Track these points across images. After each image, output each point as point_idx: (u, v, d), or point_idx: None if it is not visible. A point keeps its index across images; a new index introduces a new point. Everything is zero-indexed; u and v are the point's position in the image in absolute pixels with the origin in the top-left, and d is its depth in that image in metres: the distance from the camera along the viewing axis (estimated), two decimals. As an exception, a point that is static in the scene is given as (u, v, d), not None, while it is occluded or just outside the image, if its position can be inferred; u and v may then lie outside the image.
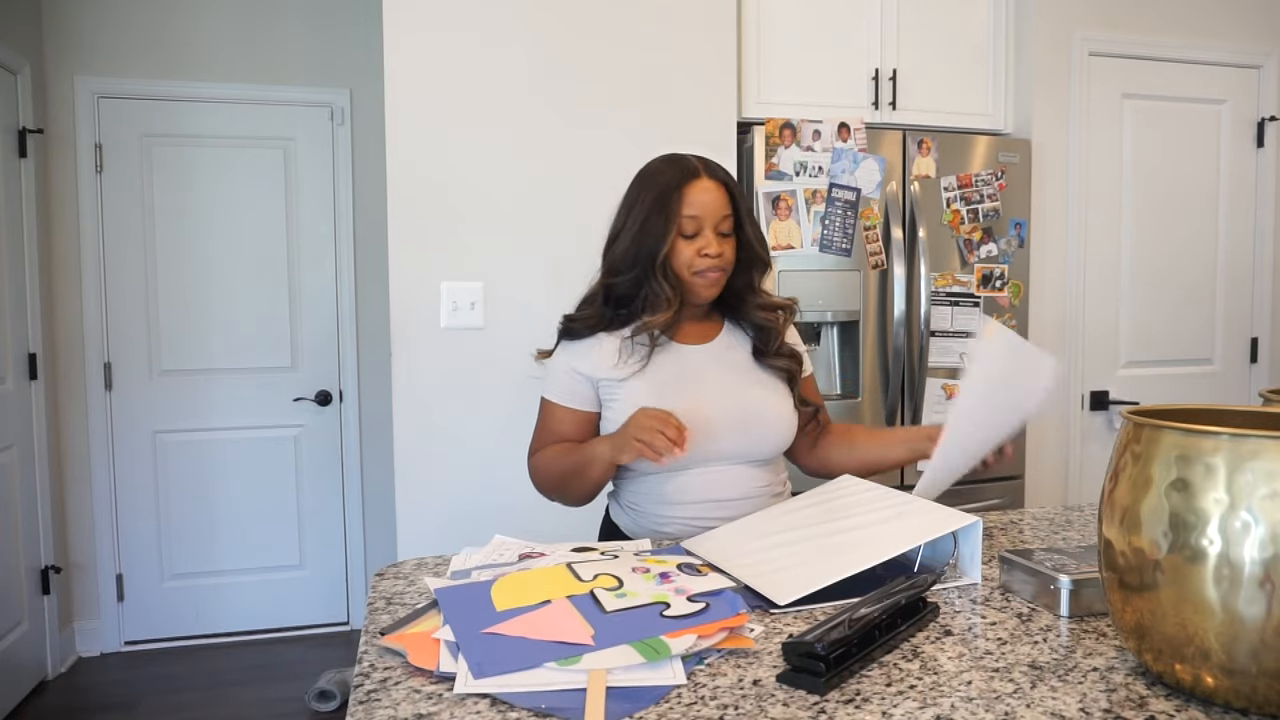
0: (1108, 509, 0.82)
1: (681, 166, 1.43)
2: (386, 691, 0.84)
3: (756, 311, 1.49)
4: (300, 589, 3.58)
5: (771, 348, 1.49)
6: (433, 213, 2.39)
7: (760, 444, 1.46)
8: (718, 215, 1.41)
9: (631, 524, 1.49)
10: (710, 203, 1.41)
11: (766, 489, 1.48)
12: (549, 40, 2.45)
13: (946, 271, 2.71)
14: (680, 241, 1.41)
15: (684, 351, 1.47)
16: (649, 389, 1.42)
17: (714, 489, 1.43)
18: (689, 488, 1.43)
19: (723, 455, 1.43)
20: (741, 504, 1.44)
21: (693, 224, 1.40)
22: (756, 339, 1.50)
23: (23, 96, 3.06)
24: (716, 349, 1.50)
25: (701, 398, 1.43)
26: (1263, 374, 3.19)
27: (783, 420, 1.47)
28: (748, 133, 2.61)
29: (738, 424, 1.43)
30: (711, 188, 1.41)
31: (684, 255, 1.41)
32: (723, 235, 1.42)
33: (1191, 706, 0.78)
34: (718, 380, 1.46)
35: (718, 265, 1.42)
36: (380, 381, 3.48)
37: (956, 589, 1.11)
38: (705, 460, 1.42)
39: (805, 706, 0.80)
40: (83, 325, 3.32)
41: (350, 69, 3.48)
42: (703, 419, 1.40)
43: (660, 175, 1.43)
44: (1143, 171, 3.03)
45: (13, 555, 2.95)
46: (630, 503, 1.50)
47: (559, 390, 1.48)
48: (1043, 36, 2.87)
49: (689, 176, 1.41)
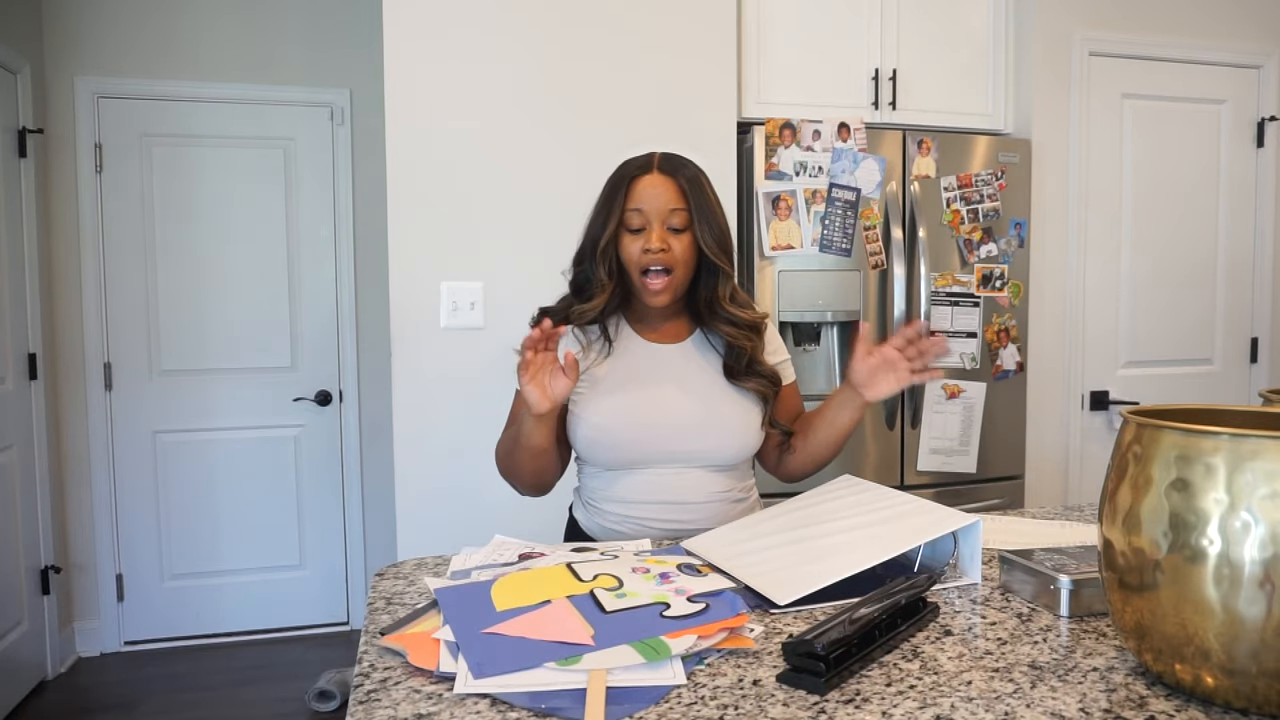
0: (1108, 509, 0.82)
1: (639, 161, 1.43)
2: (386, 691, 0.84)
3: (723, 326, 1.44)
4: (300, 589, 3.58)
5: (740, 366, 1.43)
6: (433, 213, 2.39)
7: (718, 449, 1.43)
8: (664, 210, 1.38)
9: (588, 520, 1.49)
10: (657, 197, 1.38)
11: (726, 494, 1.45)
12: (549, 41, 2.45)
13: (946, 271, 2.71)
14: (627, 236, 1.40)
15: (651, 349, 1.47)
16: (609, 385, 1.42)
17: (668, 490, 1.42)
18: (642, 487, 1.42)
19: (678, 457, 1.41)
20: (698, 508, 1.42)
21: (638, 218, 1.39)
22: (726, 355, 1.45)
23: (23, 96, 3.06)
24: (686, 349, 1.47)
25: (660, 395, 1.42)
26: (1263, 374, 3.19)
27: (745, 429, 1.44)
28: (748, 133, 2.61)
29: (694, 427, 1.41)
30: (660, 182, 1.39)
31: (630, 251, 1.40)
32: (674, 231, 1.39)
33: (1191, 706, 0.78)
34: (680, 380, 1.44)
35: (661, 261, 1.38)
36: (380, 381, 3.48)
37: (956, 589, 1.11)
38: (660, 460, 1.41)
39: (805, 706, 0.80)
40: (83, 325, 3.32)
41: (350, 69, 3.48)
42: (658, 417, 1.40)
43: (618, 170, 1.44)
44: (1143, 171, 3.03)
45: (13, 555, 2.95)
46: (588, 499, 1.50)
47: None
48: (1043, 36, 2.87)
49: (640, 171, 1.41)
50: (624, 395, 1.41)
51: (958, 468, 2.75)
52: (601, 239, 1.40)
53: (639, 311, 1.49)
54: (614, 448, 1.41)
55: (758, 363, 1.45)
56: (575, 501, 1.56)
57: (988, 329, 2.75)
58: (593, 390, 1.43)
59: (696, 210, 1.40)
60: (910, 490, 2.02)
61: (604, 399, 1.42)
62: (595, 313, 1.42)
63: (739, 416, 1.44)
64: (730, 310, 1.44)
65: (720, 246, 1.41)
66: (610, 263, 1.41)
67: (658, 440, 1.40)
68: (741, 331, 1.44)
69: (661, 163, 1.42)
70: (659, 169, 1.41)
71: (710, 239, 1.40)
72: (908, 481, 2.71)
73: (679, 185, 1.40)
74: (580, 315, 1.43)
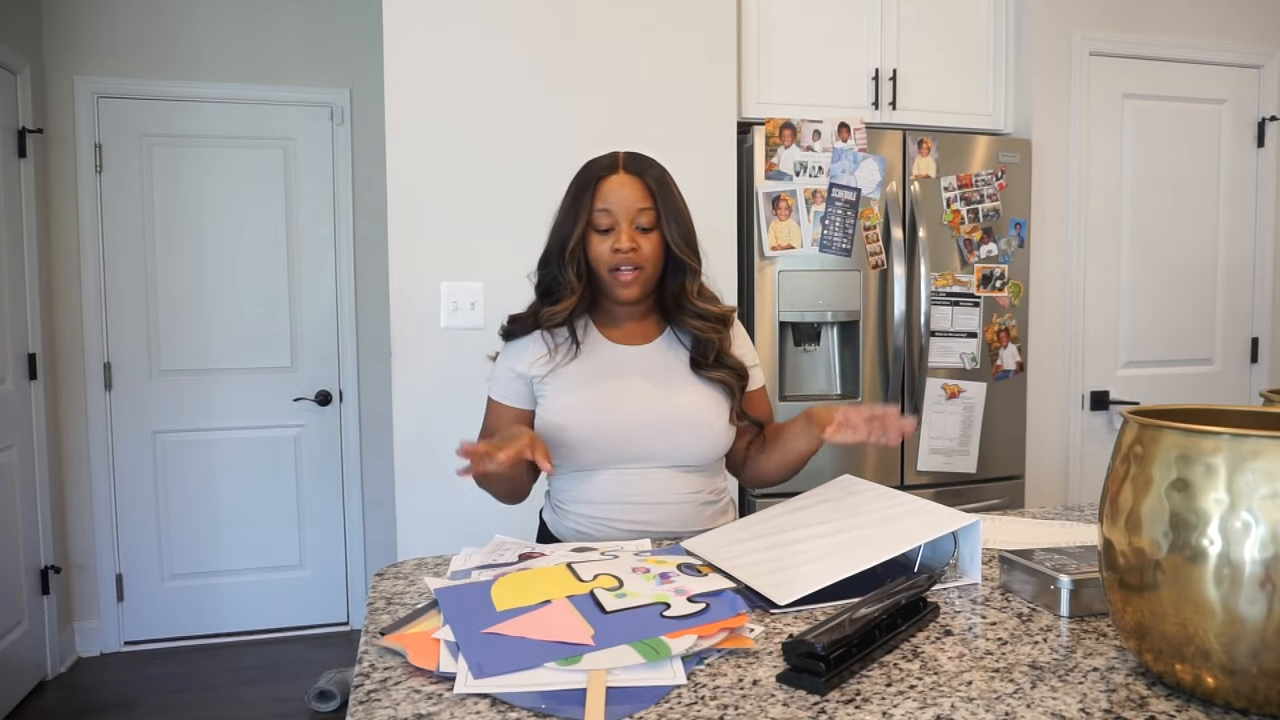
0: (1108, 509, 0.82)
1: (603, 161, 1.43)
2: (386, 691, 0.84)
3: (690, 320, 1.44)
4: (300, 589, 3.58)
5: (708, 358, 1.44)
6: (433, 213, 2.39)
7: (684, 449, 1.42)
8: (632, 210, 1.39)
9: (555, 522, 1.49)
10: (624, 197, 1.39)
11: (694, 496, 1.45)
12: (549, 40, 2.45)
13: (946, 271, 2.71)
14: (595, 236, 1.40)
15: (617, 350, 1.47)
16: (573, 384, 1.43)
17: (633, 491, 1.41)
18: (609, 488, 1.42)
19: (646, 456, 1.41)
20: (664, 509, 1.42)
21: (606, 218, 1.40)
22: (693, 349, 1.46)
23: (22, 96, 3.06)
24: (652, 350, 1.47)
25: (624, 396, 1.42)
26: (1263, 374, 3.19)
27: (713, 428, 1.43)
28: (748, 133, 2.61)
29: (658, 426, 1.41)
30: (627, 182, 1.40)
31: (599, 251, 1.40)
32: (642, 231, 1.40)
33: (1192, 707, 0.78)
34: (645, 381, 1.43)
35: (631, 260, 1.39)
36: (380, 381, 3.48)
37: (956, 589, 1.11)
38: (625, 460, 1.41)
39: (805, 706, 0.80)
40: (82, 325, 3.32)
41: (350, 69, 3.48)
42: (624, 416, 1.40)
43: (583, 171, 1.44)
44: (1143, 171, 3.03)
45: (13, 555, 2.95)
46: (557, 501, 1.50)
47: (500, 390, 1.49)
48: (1043, 36, 2.87)
49: (606, 171, 1.41)
50: (590, 395, 1.41)
51: (958, 468, 2.75)
52: (570, 240, 1.40)
53: (607, 313, 1.49)
54: (581, 448, 1.41)
55: (725, 354, 1.46)
56: (545, 504, 1.56)
57: (988, 329, 2.75)
58: (559, 391, 1.43)
59: (664, 208, 1.41)
60: (910, 490, 2.02)
61: (570, 399, 1.42)
62: (564, 315, 1.42)
63: (706, 415, 1.43)
64: (698, 304, 1.45)
65: (687, 244, 1.43)
66: (579, 264, 1.41)
67: (624, 439, 1.40)
68: (709, 324, 1.45)
69: (627, 162, 1.43)
70: (625, 169, 1.42)
71: (678, 236, 1.41)
72: (908, 481, 2.71)
73: (646, 185, 1.41)
74: (549, 318, 1.43)
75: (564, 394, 1.42)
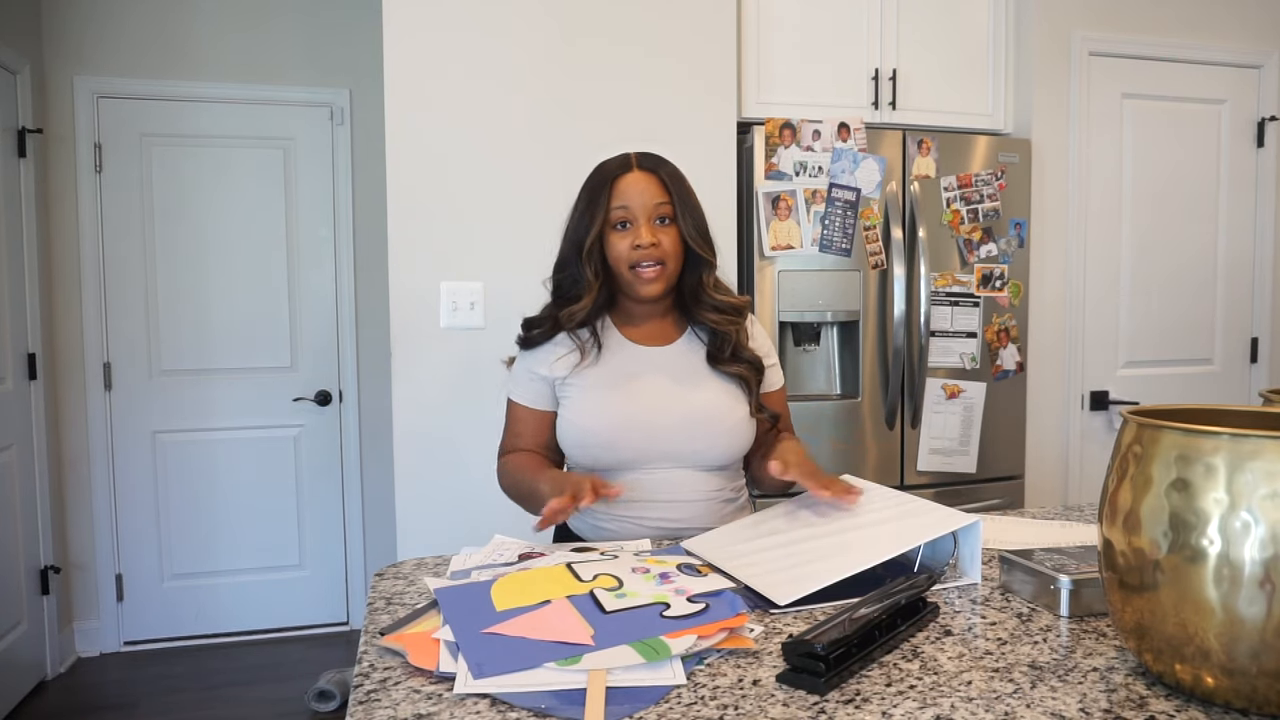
0: (1108, 509, 0.82)
1: (616, 161, 1.45)
2: (386, 691, 0.84)
3: (707, 313, 1.46)
4: (300, 589, 3.58)
5: (725, 352, 1.45)
6: (433, 213, 2.39)
7: (706, 449, 1.43)
8: (650, 205, 1.41)
9: (578, 521, 1.49)
10: (641, 193, 1.41)
11: (716, 494, 1.46)
12: (549, 40, 2.45)
13: (946, 271, 2.71)
14: (614, 235, 1.42)
15: (638, 351, 1.47)
16: (595, 385, 1.43)
17: (656, 490, 1.42)
18: (633, 487, 1.42)
19: (665, 457, 1.42)
20: (685, 507, 1.43)
21: (623, 214, 1.41)
22: (710, 343, 1.47)
23: (22, 96, 3.06)
24: (673, 351, 1.48)
25: (646, 396, 1.42)
26: (1263, 374, 3.19)
27: (735, 428, 1.44)
28: (748, 133, 2.61)
29: (681, 427, 1.41)
30: (641, 178, 1.42)
31: (619, 249, 1.42)
32: (661, 225, 1.42)
33: (1191, 707, 0.78)
34: (667, 381, 1.44)
35: (652, 256, 1.40)
36: (380, 381, 3.48)
37: (956, 589, 1.11)
38: (647, 461, 1.42)
39: (805, 706, 0.80)
40: (82, 325, 3.32)
41: (350, 69, 3.48)
42: (644, 418, 1.41)
43: (596, 173, 1.46)
44: (1143, 171, 3.03)
45: (12, 555, 2.95)
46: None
47: (521, 392, 1.50)
48: (1042, 36, 2.87)
49: (620, 170, 1.43)
50: (613, 396, 1.42)
51: (958, 468, 2.75)
52: (587, 240, 1.41)
53: (626, 314, 1.50)
54: (604, 448, 1.42)
55: (741, 348, 1.47)
56: None
57: (988, 329, 2.75)
58: (582, 393, 1.44)
59: (680, 203, 1.43)
60: (910, 490, 2.02)
61: (593, 401, 1.43)
62: (585, 313, 1.43)
63: (727, 414, 1.44)
64: (715, 297, 1.47)
65: (703, 237, 1.45)
66: (596, 263, 1.43)
67: (648, 441, 1.41)
68: (726, 316, 1.46)
69: (641, 160, 1.45)
70: (639, 166, 1.44)
71: (694, 230, 1.43)
72: (908, 481, 2.71)
73: (661, 180, 1.43)
74: (570, 317, 1.44)
75: (587, 395, 1.43)
